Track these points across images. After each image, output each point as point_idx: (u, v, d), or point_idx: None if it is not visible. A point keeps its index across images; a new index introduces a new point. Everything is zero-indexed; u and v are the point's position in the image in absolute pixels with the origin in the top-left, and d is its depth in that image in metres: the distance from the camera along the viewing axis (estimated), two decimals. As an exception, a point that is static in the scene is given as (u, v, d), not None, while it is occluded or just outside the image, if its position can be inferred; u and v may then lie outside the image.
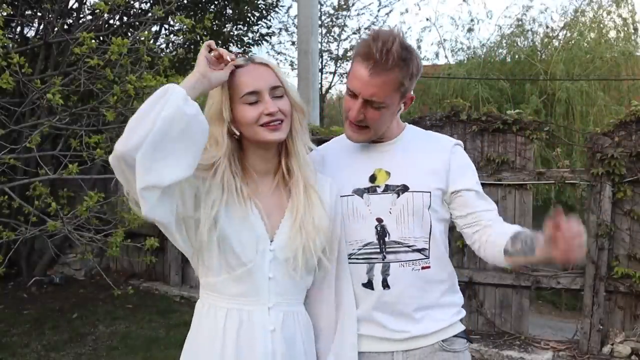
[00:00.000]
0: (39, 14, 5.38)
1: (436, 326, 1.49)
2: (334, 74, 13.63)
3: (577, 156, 6.47)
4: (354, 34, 13.15)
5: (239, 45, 7.96)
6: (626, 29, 8.47)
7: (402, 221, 1.46)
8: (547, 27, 9.16)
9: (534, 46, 9.04)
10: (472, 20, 9.73)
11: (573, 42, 8.40)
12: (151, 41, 3.82)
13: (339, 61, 13.50)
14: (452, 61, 9.68)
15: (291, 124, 1.36)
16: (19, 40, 5.64)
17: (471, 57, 9.44)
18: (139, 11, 5.50)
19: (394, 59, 1.34)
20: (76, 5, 5.69)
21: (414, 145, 1.54)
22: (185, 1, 6.57)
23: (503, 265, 1.40)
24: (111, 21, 5.17)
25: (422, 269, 1.47)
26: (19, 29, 5.80)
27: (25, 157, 3.99)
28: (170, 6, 3.87)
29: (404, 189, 1.46)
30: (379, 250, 1.46)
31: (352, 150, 1.55)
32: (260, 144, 1.34)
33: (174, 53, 5.15)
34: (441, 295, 1.51)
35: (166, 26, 6.48)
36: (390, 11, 13.78)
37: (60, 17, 4.82)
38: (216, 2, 7.25)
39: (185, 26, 3.90)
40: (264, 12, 8.02)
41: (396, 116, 1.51)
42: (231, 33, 7.81)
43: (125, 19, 5.35)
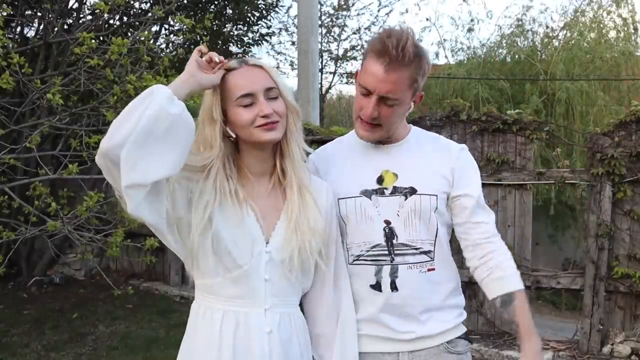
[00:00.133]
0: (39, 14, 5.38)
1: (441, 327, 1.49)
2: (334, 74, 13.64)
3: (577, 156, 6.46)
4: (354, 34, 13.15)
5: (239, 45, 7.96)
6: (626, 29, 8.47)
7: (409, 223, 1.46)
8: (547, 27, 9.16)
9: (534, 46, 9.04)
10: (472, 20, 9.73)
11: (573, 42, 8.40)
12: (151, 41, 3.82)
13: (339, 61, 13.50)
14: (452, 61, 9.68)
15: (286, 125, 1.36)
16: (19, 40, 5.64)
17: (471, 57, 9.44)
18: (139, 11, 5.50)
19: (409, 55, 1.35)
20: (76, 5, 5.69)
21: (421, 148, 1.54)
22: (185, 1, 6.57)
23: None
24: (111, 21, 5.17)
25: (428, 270, 1.48)
26: (19, 29, 5.80)
27: (25, 157, 3.99)
28: (170, 6, 3.88)
29: (412, 191, 1.46)
30: (387, 253, 1.45)
31: (357, 152, 1.55)
32: (256, 144, 1.34)
33: (174, 53, 5.14)
34: (446, 297, 1.52)
35: (166, 26, 6.48)
36: (390, 11, 13.80)
37: (60, 17, 4.82)
38: (216, 2, 7.25)
39: (185, 26, 3.90)
40: (264, 12, 8.02)
41: (405, 116, 1.51)
42: (231, 33, 7.81)
43: (125, 19, 5.35)
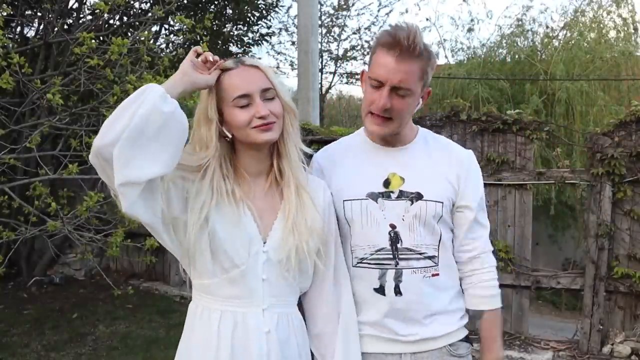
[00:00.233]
0: (39, 14, 5.39)
1: (444, 330, 1.50)
2: (334, 74, 13.64)
3: (577, 156, 6.46)
4: (354, 34, 13.16)
5: (239, 45, 7.96)
6: (626, 29, 8.47)
7: (414, 229, 1.46)
8: (547, 27, 9.16)
9: (534, 46, 9.04)
10: (472, 20, 9.73)
11: (573, 42, 8.40)
12: (151, 41, 3.82)
13: (339, 61, 13.51)
14: (452, 61, 9.68)
15: (283, 126, 1.36)
16: (19, 40, 5.64)
17: (471, 57, 9.44)
18: (139, 11, 5.50)
19: (419, 47, 1.37)
20: (76, 5, 5.69)
21: (428, 151, 1.53)
22: (185, 1, 6.57)
23: None
24: (111, 21, 5.18)
25: (432, 276, 1.48)
26: (19, 29, 5.80)
27: (25, 157, 3.99)
28: (170, 6, 3.88)
29: (418, 196, 1.46)
30: (391, 257, 1.45)
31: (364, 153, 1.54)
32: (253, 145, 1.34)
33: (174, 53, 5.14)
34: (449, 302, 1.52)
35: (166, 26, 6.49)
36: (390, 11, 13.77)
37: (60, 17, 4.83)
38: (216, 2, 7.26)
39: (185, 26, 3.90)
40: (264, 12, 8.03)
41: (413, 114, 1.51)
42: (231, 33, 7.81)
43: (125, 19, 5.35)
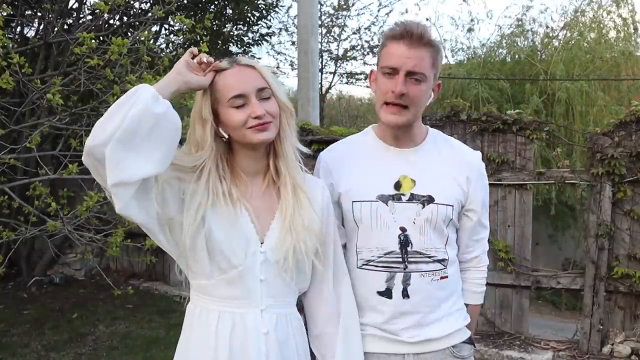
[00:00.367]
0: (39, 14, 5.39)
1: (447, 330, 1.50)
2: (334, 74, 13.62)
3: (577, 156, 6.46)
4: (354, 34, 13.14)
5: (239, 45, 7.96)
6: (626, 29, 8.46)
7: (424, 232, 1.46)
8: (547, 27, 9.15)
9: (534, 46, 9.03)
10: (472, 20, 9.71)
11: (573, 42, 8.40)
12: (151, 41, 3.82)
13: (339, 61, 13.49)
14: (452, 61, 9.67)
15: (279, 125, 1.35)
16: (19, 40, 5.64)
17: (471, 57, 9.43)
18: (139, 11, 5.50)
19: (428, 36, 1.41)
20: (76, 5, 5.70)
21: (439, 153, 1.53)
22: (185, 1, 6.57)
23: None
24: (111, 21, 5.18)
25: (441, 278, 1.48)
26: (19, 29, 5.80)
27: (25, 157, 3.99)
28: (170, 6, 3.87)
29: (430, 200, 1.46)
30: (401, 260, 1.45)
31: (374, 154, 1.53)
32: (249, 145, 1.34)
33: (174, 53, 5.14)
34: (453, 304, 1.53)
35: (166, 26, 6.48)
36: (390, 11, 13.68)
37: (60, 17, 4.83)
38: (216, 2, 7.25)
39: (185, 26, 3.90)
40: (264, 12, 8.02)
41: (425, 107, 1.52)
42: (231, 33, 7.81)
43: (125, 19, 5.35)
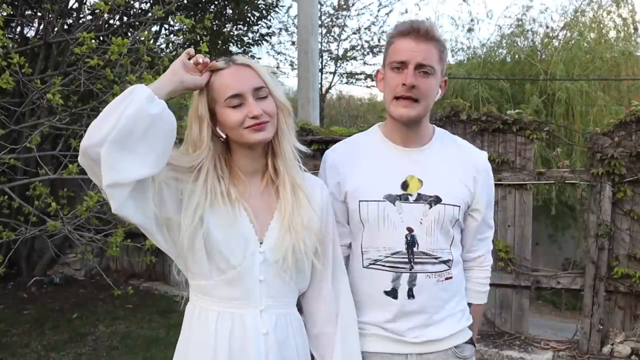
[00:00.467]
0: (39, 14, 5.39)
1: (450, 331, 1.51)
2: (334, 74, 13.62)
3: (577, 156, 6.45)
4: (354, 34, 13.13)
5: (239, 45, 7.96)
6: (626, 29, 8.46)
7: (431, 233, 1.46)
8: (547, 27, 9.14)
9: (534, 46, 9.02)
10: (472, 20, 9.70)
11: (573, 42, 8.39)
12: (151, 41, 3.82)
13: (339, 61, 13.49)
14: (452, 61, 9.66)
15: (277, 124, 1.34)
16: (19, 40, 5.65)
17: (471, 57, 9.43)
18: (139, 11, 5.50)
19: (434, 31, 1.44)
20: (76, 5, 5.70)
21: (446, 153, 1.53)
22: (185, 1, 6.56)
23: None
24: (111, 21, 5.18)
25: (446, 279, 1.49)
26: (19, 29, 5.81)
27: (25, 157, 3.99)
28: (170, 6, 3.87)
29: (437, 200, 1.46)
30: (407, 260, 1.45)
31: (381, 153, 1.53)
32: (246, 145, 1.33)
33: (174, 53, 5.14)
34: (457, 304, 1.53)
35: (166, 26, 6.48)
36: (390, 11, 13.71)
37: (60, 17, 4.83)
38: (216, 2, 7.25)
39: (185, 26, 3.90)
40: (264, 12, 8.02)
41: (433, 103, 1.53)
42: (231, 33, 7.81)
43: (125, 19, 5.34)
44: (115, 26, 4.75)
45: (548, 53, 8.67)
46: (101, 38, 3.97)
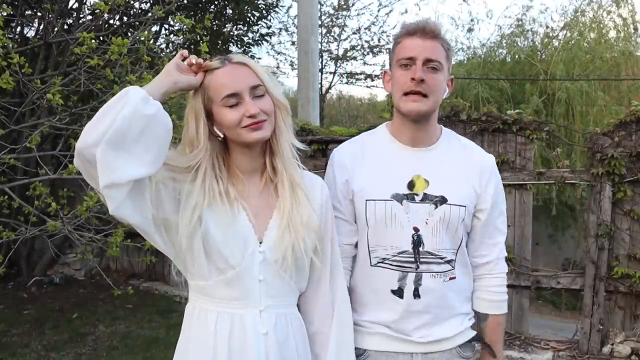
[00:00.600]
0: (39, 14, 5.39)
1: (454, 330, 1.51)
2: (334, 74, 13.63)
3: (577, 156, 6.46)
4: (354, 34, 13.14)
5: (239, 45, 7.95)
6: (626, 29, 8.46)
7: (437, 233, 1.46)
8: (547, 27, 9.15)
9: (534, 46, 9.03)
10: (472, 20, 9.72)
11: (573, 42, 8.39)
12: (151, 41, 3.81)
13: (339, 61, 13.49)
14: (453, 61, 9.66)
15: (274, 122, 1.34)
16: (19, 40, 5.64)
17: (471, 57, 9.43)
18: (139, 11, 5.49)
19: (438, 29, 1.47)
20: (76, 5, 5.70)
21: (452, 153, 1.54)
22: (185, 1, 6.56)
23: None
24: (111, 21, 5.18)
25: (450, 279, 1.49)
26: (19, 29, 5.81)
27: (25, 157, 3.99)
28: (170, 6, 3.87)
29: (442, 200, 1.47)
30: (413, 260, 1.46)
31: (388, 153, 1.53)
32: (244, 144, 1.32)
33: (173, 53, 5.14)
34: (461, 305, 1.54)
35: (166, 26, 6.48)
36: (390, 11, 13.78)
37: (60, 17, 4.83)
38: (216, 2, 7.25)
39: (185, 26, 3.89)
40: (264, 12, 8.02)
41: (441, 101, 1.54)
42: (231, 33, 7.81)
43: (125, 19, 5.34)
44: (115, 26, 4.75)
45: (548, 53, 8.68)
46: (101, 38, 3.97)
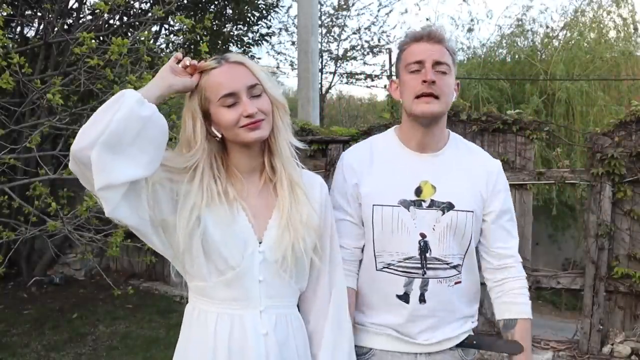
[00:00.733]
0: (39, 14, 5.39)
1: (457, 331, 1.52)
2: (334, 74, 13.63)
3: (577, 156, 6.46)
4: (354, 34, 13.15)
5: (239, 45, 7.95)
6: (626, 29, 8.47)
7: (443, 239, 1.46)
8: (547, 27, 9.17)
9: (534, 46, 9.04)
10: (472, 20, 9.74)
11: (573, 42, 8.40)
12: (151, 41, 3.81)
13: (339, 61, 13.50)
14: (452, 61, 9.67)
15: (272, 121, 1.33)
16: (19, 40, 5.64)
17: (471, 57, 9.45)
18: (139, 11, 5.49)
19: (443, 34, 1.49)
20: (76, 5, 5.70)
21: (459, 159, 1.54)
22: (185, 1, 6.56)
23: None
24: (111, 21, 5.17)
25: (455, 284, 1.49)
26: (19, 29, 5.81)
27: (25, 157, 3.99)
28: (170, 6, 3.87)
29: (449, 206, 1.47)
30: (420, 266, 1.46)
31: (396, 158, 1.53)
32: (242, 144, 1.32)
33: (173, 53, 5.14)
34: (465, 307, 1.54)
35: (166, 26, 6.48)
36: (390, 11, 13.79)
37: (60, 17, 4.82)
38: (216, 2, 7.25)
39: (185, 26, 3.89)
40: (264, 12, 8.01)
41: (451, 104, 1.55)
42: (231, 33, 7.80)
43: (125, 19, 5.34)
44: (115, 26, 4.75)
45: (548, 53, 8.69)
46: (101, 38, 3.96)
